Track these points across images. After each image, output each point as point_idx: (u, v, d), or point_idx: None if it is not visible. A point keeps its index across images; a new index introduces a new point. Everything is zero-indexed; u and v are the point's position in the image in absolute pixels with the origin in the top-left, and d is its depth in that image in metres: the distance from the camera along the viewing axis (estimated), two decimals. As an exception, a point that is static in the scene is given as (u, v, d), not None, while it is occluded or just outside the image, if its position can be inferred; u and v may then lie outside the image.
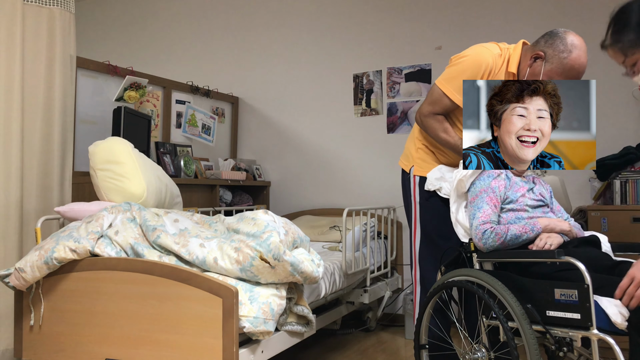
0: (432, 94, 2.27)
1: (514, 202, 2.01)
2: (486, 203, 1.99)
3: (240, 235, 2.12)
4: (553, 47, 2.09)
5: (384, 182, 4.11)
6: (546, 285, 1.72)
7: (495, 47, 2.22)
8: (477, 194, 2.02)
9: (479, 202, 2.00)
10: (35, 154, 2.73)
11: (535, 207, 2.03)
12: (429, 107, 2.28)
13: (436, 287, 2.05)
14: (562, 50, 2.07)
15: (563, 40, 2.07)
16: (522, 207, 2.01)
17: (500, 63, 2.19)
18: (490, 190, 2.01)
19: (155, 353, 1.98)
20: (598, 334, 1.60)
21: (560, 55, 2.07)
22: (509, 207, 2.01)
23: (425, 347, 2.16)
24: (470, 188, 2.07)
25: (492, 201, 1.99)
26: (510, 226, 1.92)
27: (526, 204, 2.01)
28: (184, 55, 4.95)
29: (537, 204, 2.04)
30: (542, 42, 2.12)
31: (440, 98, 2.24)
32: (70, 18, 2.88)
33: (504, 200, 2.02)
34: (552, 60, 2.09)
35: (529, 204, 2.02)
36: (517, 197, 2.02)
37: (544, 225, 1.93)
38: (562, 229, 1.95)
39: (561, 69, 2.08)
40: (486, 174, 2.06)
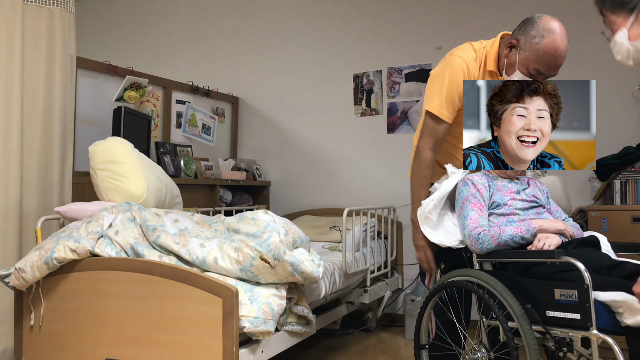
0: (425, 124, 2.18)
1: (502, 206, 2.00)
2: (471, 210, 1.98)
3: (241, 235, 2.12)
4: (525, 33, 2.03)
5: (384, 182, 4.11)
6: (546, 286, 1.72)
7: (471, 52, 2.15)
8: (461, 206, 2.03)
9: (465, 212, 2.00)
10: (35, 154, 2.73)
11: (526, 209, 2.01)
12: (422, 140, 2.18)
13: (436, 288, 2.05)
14: (534, 35, 2.01)
15: (535, 25, 2.01)
16: (511, 210, 1.99)
17: (477, 67, 2.14)
18: (472, 197, 2.00)
19: (155, 353, 1.98)
20: (598, 334, 1.60)
21: (532, 42, 2.01)
22: (498, 211, 2.00)
23: (425, 347, 2.16)
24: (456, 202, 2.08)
25: (476, 206, 1.98)
26: (505, 227, 1.91)
27: (516, 207, 1.99)
28: (184, 55, 4.95)
29: (528, 205, 2.02)
30: (517, 30, 2.07)
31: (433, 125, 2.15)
32: (70, 18, 2.88)
33: (491, 205, 2.01)
34: (525, 47, 2.03)
35: (519, 206, 2.00)
36: (505, 200, 2.00)
37: (538, 226, 1.91)
38: (557, 229, 1.94)
39: (534, 55, 2.00)
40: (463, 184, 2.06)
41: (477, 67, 2.15)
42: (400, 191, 4.04)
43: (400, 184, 4.03)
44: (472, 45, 2.18)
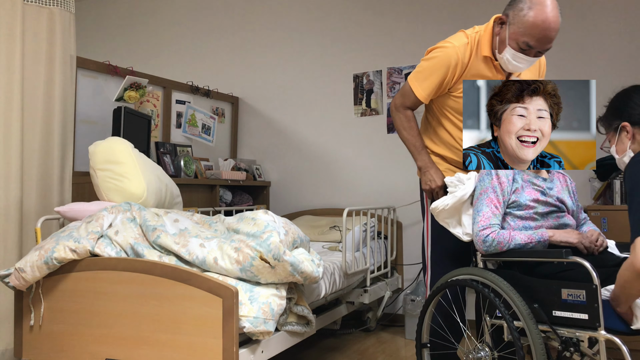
0: (404, 87, 2.31)
1: (522, 208, 1.93)
2: (485, 205, 1.94)
3: (240, 235, 2.12)
4: (514, 7, 2.05)
5: (384, 182, 4.11)
6: (553, 285, 1.71)
7: (462, 38, 2.20)
8: (478, 197, 1.99)
9: (479, 205, 1.96)
10: (35, 154, 2.73)
11: (546, 214, 1.94)
12: (400, 99, 2.32)
13: (439, 286, 2.05)
14: (522, 8, 2.01)
15: None
16: (530, 215, 1.92)
17: (468, 53, 2.18)
18: (491, 190, 1.95)
19: (155, 353, 1.98)
20: (606, 334, 1.59)
21: (520, 14, 2.01)
22: (517, 213, 1.93)
23: (426, 346, 2.16)
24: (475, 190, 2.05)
25: (492, 202, 1.93)
26: (516, 234, 1.86)
27: (536, 212, 1.92)
28: (184, 55, 4.95)
29: (549, 209, 1.94)
30: (507, 7, 2.09)
31: (409, 92, 2.28)
32: (70, 18, 2.88)
33: (512, 204, 1.95)
34: (514, 21, 2.04)
35: (540, 210, 1.93)
36: (527, 202, 1.93)
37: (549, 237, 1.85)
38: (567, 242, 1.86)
39: (523, 28, 2.01)
40: (485, 173, 2.01)
41: (468, 52, 2.18)
42: (400, 191, 4.04)
43: (400, 184, 4.03)
44: (464, 32, 2.23)
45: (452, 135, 2.28)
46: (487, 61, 2.18)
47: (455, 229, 2.08)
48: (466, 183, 2.06)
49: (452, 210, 2.07)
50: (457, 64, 2.15)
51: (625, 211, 3.07)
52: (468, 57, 2.17)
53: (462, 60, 2.16)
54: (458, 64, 2.16)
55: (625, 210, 3.07)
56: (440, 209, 2.07)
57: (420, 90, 2.23)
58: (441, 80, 2.19)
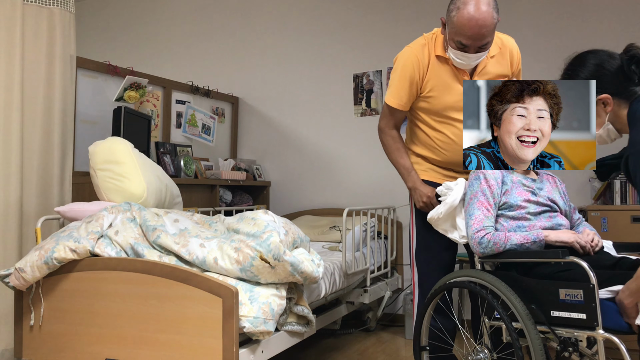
0: (383, 107, 2.37)
1: (513, 209, 1.95)
2: (477, 208, 1.95)
3: (240, 235, 2.12)
4: (448, 9, 2.10)
5: (384, 182, 4.11)
6: (550, 286, 1.71)
7: (420, 40, 2.27)
8: (468, 201, 2.01)
9: (470, 209, 1.97)
10: (35, 154, 2.73)
11: (539, 214, 1.95)
12: (383, 121, 2.37)
13: (437, 289, 2.05)
14: (452, 9, 2.07)
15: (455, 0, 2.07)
16: (523, 215, 1.93)
17: (426, 52, 2.23)
18: (480, 194, 1.97)
19: (155, 353, 1.98)
20: (604, 334, 1.60)
21: (451, 15, 2.07)
22: (509, 214, 1.95)
23: (425, 349, 2.16)
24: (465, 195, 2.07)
25: (483, 205, 1.94)
26: (511, 235, 1.86)
27: (528, 212, 1.93)
28: (184, 55, 4.95)
29: (541, 209, 1.95)
30: None
31: (388, 110, 2.33)
32: (70, 18, 2.88)
33: (502, 205, 1.96)
34: (448, 22, 2.10)
35: (532, 210, 1.94)
36: (519, 202, 1.94)
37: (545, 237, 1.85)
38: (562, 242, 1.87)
39: (454, 28, 2.06)
40: (474, 178, 2.02)
41: (426, 51, 2.24)
42: (400, 191, 4.04)
43: (400, 184, 4.03)
44: (423, 35, 2.29)
45: (429, 135, 2.32)
46: (441, 60, 2.23)
47: (453, 234, 2.11)
48: (454, 189, 2.09)
49: (446, 217, 2.11)
50: (419, 63, 2.21)
51: (625, 211, 3.07)
52: (427, 56, 2.23)
53: (421, 60, 2.22)
54: (420, 63, 2.22)
55: (625, 210, 3.07)
56: (436, 219, 2.12)
57: (397, 100, 2.28)
58: (411, 81, 2.24)
